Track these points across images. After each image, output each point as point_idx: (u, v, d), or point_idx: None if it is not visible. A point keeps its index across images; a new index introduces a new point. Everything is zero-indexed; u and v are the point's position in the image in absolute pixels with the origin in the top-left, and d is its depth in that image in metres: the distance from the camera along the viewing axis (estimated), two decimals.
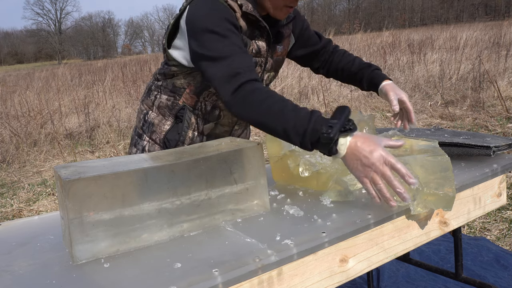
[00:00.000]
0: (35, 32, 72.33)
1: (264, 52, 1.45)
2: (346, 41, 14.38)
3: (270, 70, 1.53)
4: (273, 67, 1.54)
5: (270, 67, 1.52)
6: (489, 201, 1.37)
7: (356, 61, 1.66)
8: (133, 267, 0.88)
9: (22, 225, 1.19)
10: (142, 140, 1.55)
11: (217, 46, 1.24)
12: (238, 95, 1.16)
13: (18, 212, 3.77)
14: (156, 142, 1.52)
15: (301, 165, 1.25)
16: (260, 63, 1.46)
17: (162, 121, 1.51)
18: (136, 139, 1.58)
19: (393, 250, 1.12)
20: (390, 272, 2.34)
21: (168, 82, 1.48)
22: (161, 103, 1.50)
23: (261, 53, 1.44)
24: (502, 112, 5.43)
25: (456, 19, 48.66)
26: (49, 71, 17.58)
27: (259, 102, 1.12)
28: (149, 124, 1.53)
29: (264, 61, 1.48)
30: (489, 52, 9.28)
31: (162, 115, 1.51)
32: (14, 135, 5.86)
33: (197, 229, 1.03)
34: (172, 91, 1.48)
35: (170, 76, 1.47)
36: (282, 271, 0.91)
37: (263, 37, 1.43)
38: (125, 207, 0.94)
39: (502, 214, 2.88)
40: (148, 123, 1.53)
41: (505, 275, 2.22)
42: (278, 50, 1.52)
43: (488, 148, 1.35)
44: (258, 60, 1.45)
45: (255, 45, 1.41)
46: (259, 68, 1.47)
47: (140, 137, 1.56)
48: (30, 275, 0.88)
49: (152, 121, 1.52)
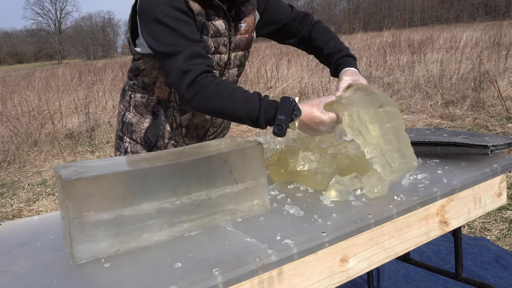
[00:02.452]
0: (35, 32, 72.32)
1: (224, 31, 1.41)
2: (346, 41, 14.37)
3: (236, 49, 1.48)
4: (240, 46, 1.49)
5: (235, 46, 1.47)
6: (489, 201, 1.38)
7: (330, 43, 1.56)
8: (133, 267, 0.88)
9: (22, 225, 1.19)
10: (123, 142, 1.53)
11: (166, 39, 1.27)
12: (192, 90, 1.24)
13: (18, 212, 3.77)
14: (137, 141, 1.50)
15: (299, 159, 1.26)
16: (224, 42, 1.42)
17: (141, 120, 1.49)
18: (118, 142, 1.56)
19: (393, 250, 1.12)
20: (390, 272, 2.34)
21: (139, 80, 1.48)
22: (137, 101, 1.49)
23: (220, 32, 1.40)
24: (502, 112, 5.43)
25: (456, 19, 48.67)
26: (49, 71, 17.59)
27: (212, 96, 1.23)
28: (128, 125, 1.52)
29: (228, 40, 1.44)
30: (489, 52, 9.27)
31: (140, 114, 1.50)
32: (14, 135, 5.86)
33: (197, 229, 1.03)
34: (144, 88, 1.47)
35: (139, 73, 1.46)
36: (283, 270, 0.91)
37: (220, 16, 1.39)
38: (125, 207, 0.94)
39: (502, 214, 2.88)
40: (127, 124, 1.52)
41: (505, 275, 2.22)
42: (241, 28, 1.47)
43: (486, 147, 1.35)
44: (220, 40, 1.41)
45: (213, 25, 1.38)
46: (224, 48, 1.43)
47: (121, 140, 1.54)
48: (31, 275, 0.88)
49: (130, 121, 1.51)
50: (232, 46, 1.46)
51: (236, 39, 1.46)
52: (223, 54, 1.44)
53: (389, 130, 1.18)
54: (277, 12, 1.58)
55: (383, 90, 7.41)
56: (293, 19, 1.59)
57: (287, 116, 1.17)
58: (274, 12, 1.57)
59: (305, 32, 1.60)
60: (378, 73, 8.47)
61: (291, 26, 1.60)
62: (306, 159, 1.25)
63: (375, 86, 7.56)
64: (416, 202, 1.14)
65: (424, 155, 1.48)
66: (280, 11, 1.58)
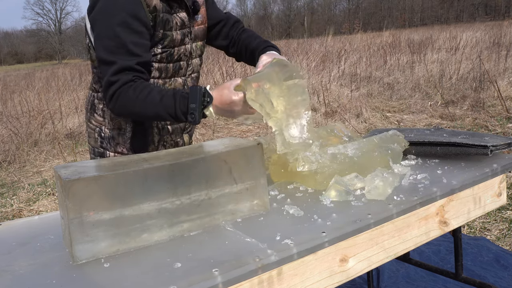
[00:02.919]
0: (35, 32, 72.26)
1: (187, 23, 1.46)
2: (346, 41, 14.38)
3: (196, 39, 1.53)
4: (198, 36, 1.54)
5: (195, 36, 1.52)
6: (489, 201, 1.38)
7: (256, 40, 1.59)
8: (133, 267, 0.88)
9: (22, 225, 1.19)
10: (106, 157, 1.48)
11: (108, 44, 1.31)
12: (114, 100, 1.31)
13: (18, 212, 3.77)
14: (123, 153, 1.47)
15: (299, 159, 1.26)
16: (187, 33, 1.47)
17: (121, 131, 1.46)
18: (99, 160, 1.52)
19: (393, 250, 1.12)
20: (390, 272, 2.34)
21: None
22: (112, 113, 1.44)
23: (185, 24, 1.45)
24: (502, 112, 5.43)
25: (456, 19, 48.64)
26: (49, 71, 17.59)
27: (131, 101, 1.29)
28: (109, 139, 1.48)
29: (189, 32, 1.48)
30: (489, 52, 9.28)
31: (118, 125, 1.46)
32: (14, 134, 5.86)
33: (197, 229, 1.03)
34: None
35: None
36: (282, 270, 0.91)
37: (183, 9, 1.44)
38: (125, 207, 0.94)
39: (502, 214, 2.88)
40: (107, 139, 1.48)
41: (505, 275, 2.22)
42: (197, 19, 1.52)
43: (485, 147, 1.35)
44: (185, 31, 1.46)
45: (178, 18, 1.42)
46: (187, 39, 1.48)
47: (103, 156, 1.49)
48: (30, 275, 0.88)
49: (110, 135, 1.47)
50: (192, 36, 1.51)
51: (194, 30, 1.51)
52: (187, 44, 1.48)
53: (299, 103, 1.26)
54: (214, 9, 1.64)
55: (383, 90, 7.42)
56: (226, 19, 1.65)
57: (199, 104, 1.25)
58: (211, 9, 1.62)
59: (236, 35, 1.65)
60: (378, 73, 8.47)
61: (224, 26, 1.65)
62: (306, 159, 1.25)
63: (375, 86, 7.57)
64: (416, 202, 1.14)
65: (424, 155, 1.48)
66: (216, 10, 1.65)
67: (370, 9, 61.98)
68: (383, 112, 6.23)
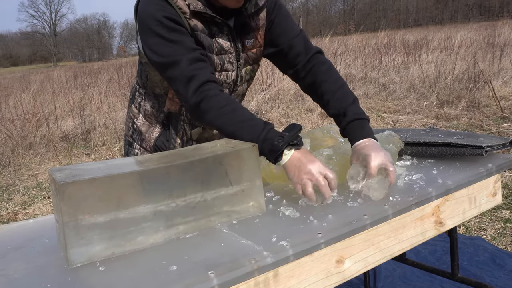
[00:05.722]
0: (30, 35, 72.03)
1: (229, 48, 1.36)
2: (341, 42, 14.41)
3: (245, 65, 1.43)
4: (248, 61, 1.43)
5: (245, 62, 1.42)
6: (484, 201, 1.38)
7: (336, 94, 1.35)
8: (128, 270, 0.88)
9: (17, 229, 1.18)
10: (133, 148, 1.52)
11: (165, 51, 1.26)
12: (197, 98, 1.22)
13: (13, 215, 3.75)
14: (146, 149, 1.49)
15: None
16: (230, 59, 1.37)
17: (150, 129, 1.48)
18: (128, 148, 1.55)
19: (389, 250, 1.12)
20: (386, 272, 2.34)
21: (148, 89, 1.46)
22: (147, 110, 1.48)
23: (225, 50, 1.35)
24: (497, 111, 5.46)
25: (451, 19, 48.89)
26: (44, 73, 17.53)
27: (218, 109, 1.21)
28: (138, 132, 1.50)
29: (235, 57, 1.38)
30: (483, 52, 9.32)
31: (149, 122, 1.48)
32: (9, 137, 5.83)
33: (193, 231, 1.03)
34: (155, 98, 1.46)
35: (147, 80, 1.44)
36: (278, 272, 0.91)
37: (224, 33, 1.34)
38: (120, 209, 0.93)
39: (498, 214, 2.89)
40: (137, 131, 1.51)
41: (501, 275, 2.23)
42: (248, 44, 1.39)
43: (480, 148, 1.35)
44: (225, 57, 1.36)
45: (216, 43, 1.33)
46: (230, 66, 1.38)
47: (131, 146, 1.53)
48: (25, 279, 0.88)
49: (140, 129, 1.50)
50: (241, 62, 1.41)
51: (244, 55, 1.41)
52: (229, 71, 1.39)
53: None
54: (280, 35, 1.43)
55: (379, 90, 7.44)
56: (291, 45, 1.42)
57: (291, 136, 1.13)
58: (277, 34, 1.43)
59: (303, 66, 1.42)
60: (373, 74, 8.49)
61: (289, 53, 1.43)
62: None
63: (371, 87, 7.59)
64: (411, 202, 1.14)
65: (419, 156, 1.48)
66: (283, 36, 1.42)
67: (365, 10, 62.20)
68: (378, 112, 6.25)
